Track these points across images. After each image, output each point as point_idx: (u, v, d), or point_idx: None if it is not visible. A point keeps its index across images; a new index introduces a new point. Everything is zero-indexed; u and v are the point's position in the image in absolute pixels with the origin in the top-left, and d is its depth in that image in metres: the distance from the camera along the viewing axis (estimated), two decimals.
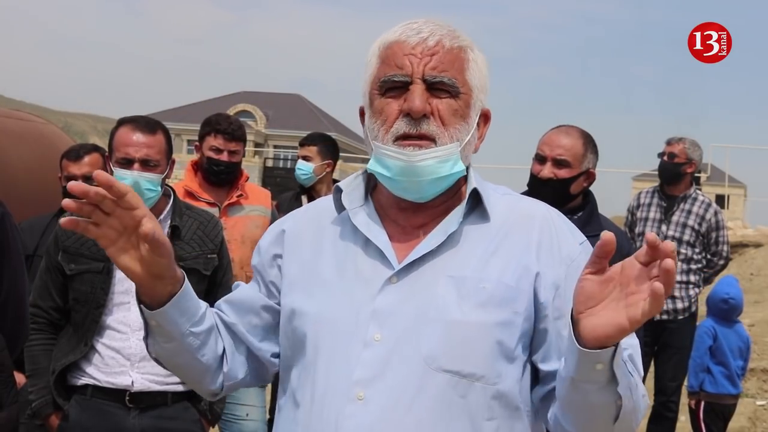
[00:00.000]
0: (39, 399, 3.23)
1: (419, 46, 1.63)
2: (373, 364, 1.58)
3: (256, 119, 53.39)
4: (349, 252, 1.68)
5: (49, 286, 3.27)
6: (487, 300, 1.60)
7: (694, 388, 5.76)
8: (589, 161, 3.44)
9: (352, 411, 1.56)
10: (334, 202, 1.74)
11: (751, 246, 14.42)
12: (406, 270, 1.63)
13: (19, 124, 5.23)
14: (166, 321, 1.64)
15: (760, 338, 8.69)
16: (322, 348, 1.63)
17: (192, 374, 1.77)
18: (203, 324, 1.71)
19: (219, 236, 3.38)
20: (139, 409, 3.16)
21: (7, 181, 4.61)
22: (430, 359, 1.57)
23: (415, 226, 1.69)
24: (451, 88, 1.63)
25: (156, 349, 1.72)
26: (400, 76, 1.62)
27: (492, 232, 1.67)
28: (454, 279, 1.62)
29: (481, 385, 1.59)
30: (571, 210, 3.41)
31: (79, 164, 4.03)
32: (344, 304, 1.64)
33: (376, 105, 1.66)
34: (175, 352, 1.70)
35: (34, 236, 3.98)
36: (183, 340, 1.68)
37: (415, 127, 1.61)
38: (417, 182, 1.63)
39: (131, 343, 3.16)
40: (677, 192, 5.78)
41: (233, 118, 4.53)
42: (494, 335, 1.60)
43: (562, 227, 1.72)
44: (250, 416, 4.21)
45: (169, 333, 1.66)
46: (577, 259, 1.67)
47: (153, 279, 1.59)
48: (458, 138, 1.64)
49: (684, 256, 5.68)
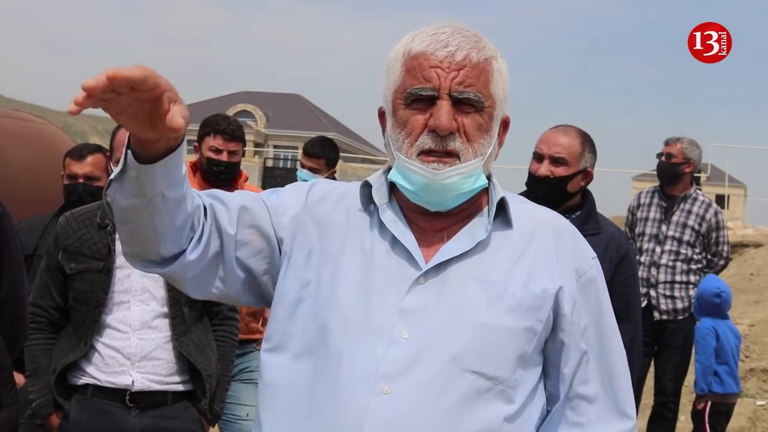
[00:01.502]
0: (39, 399, 3.23)
1: (447, 59, 1.62)
2: (400, 360, 1.58)
3: (256, 119, 53.39)
4: (376, 249, 1.67)
5: (49, 285, 3.27)
6: (516, 306, 1.62)
7: (704, 391, 5.66)
8: (586, 160, 3.45)
9: (378, 405, 1.56)
10: (360, 197, 1.73)
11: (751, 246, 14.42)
12: (433, 271, 1.64)
13: (19, 124, 5.23)
14: (148, 176, 1.51)
15: (760, 338, 8.68)
16: (347, 343, 1.62)
17: (138, 238, 1.62)
18: (177, 190, 1.56)
19: None
20: (139, 408, 3.17)
21: (7, 181, 4.61)
22: (458, 359, 1.58)
23: (436, 229, 1.69)
24: (477, 104, 1.63)
25: (117, 197, 1.56)
26: (427, 90, 1.62)
27: (515, 239, 1.68)
28: (483, 282, 1.63)
29: (502, 389, 1.60)
30: (569, 209, 3.42)
31: (82, 164, 4.04)
32: (370, 301, 1.63)
33: (401, 115, 1.65)
34: (136, 209, 1.56)
35: (33, 236, 3.99)
36: (153, 199, 1.54)
37: (441, 144, 1.61)
38: (441, 197, 1.64)
39: (131, 343, 3.16)
40: (677, 192, 5.79)
41: (232, 119, 4.53)
42: (519, 341, 1.62)
43: (576, 240, 1.74)
44: (251, 416, 4.20)
45: (142, 188, 1.52)
46: (588, 273, 1.70)
47: (162, 138, 1.48)
48: (482, 152, 1.65)
49: (684, 256, 5.69)
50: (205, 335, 3.33)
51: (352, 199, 1.74)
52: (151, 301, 3.20)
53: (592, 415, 1.70)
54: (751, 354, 7.89)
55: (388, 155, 1.70)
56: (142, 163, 1.50)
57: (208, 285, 1.71)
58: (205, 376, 3.24)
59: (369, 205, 1.72)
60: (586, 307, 1.69)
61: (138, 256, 1.65)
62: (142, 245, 1.62)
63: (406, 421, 1.56)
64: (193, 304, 3.28)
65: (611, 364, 1.73)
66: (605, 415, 1.71)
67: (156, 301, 3.21)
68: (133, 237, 1.61)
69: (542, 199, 1.84)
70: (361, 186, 1.73)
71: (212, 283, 1.71)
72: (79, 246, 3.22)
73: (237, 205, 1.70)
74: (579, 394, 1.70)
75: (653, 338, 5.65)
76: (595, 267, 1.73)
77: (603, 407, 1.71)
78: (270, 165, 43.85)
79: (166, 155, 1.50)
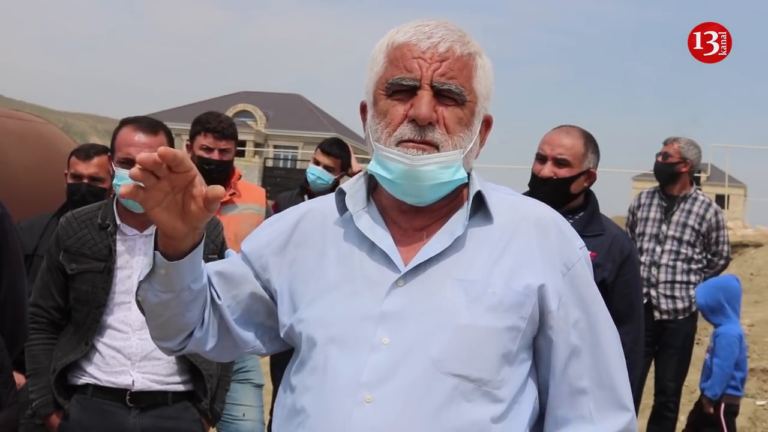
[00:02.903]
0: (39, 398, 3.23)
1: (429, 50, 1.61)
2: (382, 368, 1.57)
3: (256, 119, 53.38)
4: (354, 256, 1.67)
5: (50, 285, 3.27)
6: (497, 305, 1.60)
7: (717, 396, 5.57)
8: (589, 161, 3.44)
9: (360, 414, 1.56)
10: (336, 204, 1.73)
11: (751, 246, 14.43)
12: (412, 273, 1.63)
13: (19, 124, 5.23)
14: (177, 272, 1.61)
15: (760, 338, 8.69)
16: (329, 352, 1.62)
17: (168, 328, 1.73)
18: (201, 281, 1.68)
19: (220, 237, 3.38)
20: (139, 408, 3.16)
21: (7, 181, 4.61)
22: (439, 363, 1.57)
23: (417, 228, 1.68)
24: (458, 96, 1.62)
25: (148, 296, 1.66)
26: (408, 80, 1.61)
27: (496, 234, 1.66)
28: (462, 282, 1.61)
29: (487, 390, 1.59)
30: (572, 210, 3.42)
31: (88, 164, 4.04)
32: (351, 308, 1.63)
33: (381, 106, 1.65)
34: (166, 303, 1.66)
35: (33, 236, 3.99)
36: (180, 293, 1.64)
37: (420, 134, 1.60)
38: (418, 186, 1.62)
39: (132, 343, 3.16)
40: (676, 192, 5.79)
41: (223, 116, 4.51)
42: (502, 340, 1.60)
43: (562, 231, 1.71)
44: (247, 416, 4.21)
45: (171, 284, 1.62)
46: (576, 264, 1.68)
47: (190, 232, 1.58)
48: (461, 146, 1.63)
49: (684, 256, 5.69)
50: None
51: (328, 211, 1.75)
52: None
53: (592, 407, 1.67)
54: (751, 354, 7.88)
55: (368, 147, 1.69)
56: (171, 260, 1.60)
57: (229, 350, 1.82)
58: (206, 377, 3.23)
59: (345, 212, 1.71)
60: (575, 299, 1.66)
61: (165, 341, 1.76)
62: (169, 333, 1.73)
63: (389, 429, 1.54)
64: None
65: (606, 355, 1.69)
66: (603, 408, 1.68)
67: None
68: (162, 329, 1.73)
69: (545, 201, 1.82)
70: (336, 194, 1.73)
71: (231, 347, 1.81)
72: (80, 246, 3.22)
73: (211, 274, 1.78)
74: (576, 388, 1.67)
75: (653, 338, 5.65)
76: (583, 258, 1.70)
77: (601, 400, 1.68)
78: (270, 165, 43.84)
79: (191, 250, 1.61)
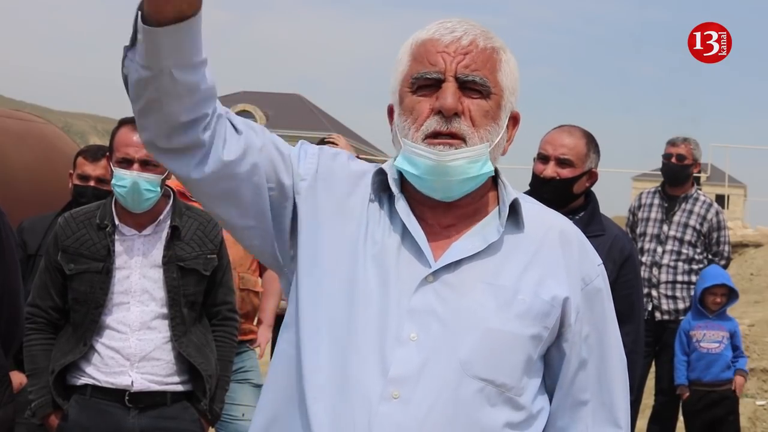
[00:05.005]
0: (38, 399, 3.22)
1: (453, 44, 1.61)
2: (409, 364, 1.56)
3: (256, 119, 53.35)
4: (387, 243, 1.63)
5: (49, 285, 3.26)
6: (525, 312, 1.60)
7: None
8: (591, 161, 3.44)
9: (387, 409, 1.54)
10: (372, 184, 1.68)
11: (751, 246, 14.40)
12: (443, 270, 1.61)
13: (19, 124, 5.23)
14: (153, 44, 1.43)
15: (760, 338, 8.67)
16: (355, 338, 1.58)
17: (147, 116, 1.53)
18: (189, 75, 1.48)
19: (219, 236, 3.38)
20: (138, 408, 3.16)
21: (7, 181, 4.61)
22: (467, 365, 1.56)
23: (443, 225, 1.66)
24: (483, 88, 1.61)
25: (130, 68, 1.48)
26: (432, 74, 1.61)
27: (526, 243, 1.66)
28: (493, 287, 1.60)
29: (509, 396, 1.59)
30: (573, 210, 3.41)
31: (95, 165, 4.03)
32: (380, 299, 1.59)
33: (407, 102, 1.64)
34: (144, 84, 1.48)
35: (36, 236, 3.98)
36: (160, 76, 1.46)
37: (446, 125, 1.59)
38: (446, 181, 1.61)
39: (131, 343, 3.16)
40: (679, 192, 5.78)
41: None
42: (527, 348, 1.61)
43: (584, 247, 1.72)
44: (246, 416, 4.20)
45: (148, 58, 1.45)
46: (594, 281, 1.69)
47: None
48: (488, 139, 1.62)
49: (685, 257, 5.68)
50: (204, 336, 3.33)
51: (368, 184, 1.69)
52: (150, 302, 3.20)
53: (590, 422, 1.69)
54: (751, 354, 7.86)
55: (395, 146, 1.67)
56: (148, 25, 1.42)
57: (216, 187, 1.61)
58: (205, 377, 3.23)
59: (380, 193, 1.68)
60: (590, 315, 1.68)
61: (151, 143, 1.57)
62: (148, 122, 1.54)
63: (414, 427, 1.53)
64: (192, 305, 3.28)
65: (610, 373, 1.71)
66: (599, 423, 1.70)
67: (155, 302, 3.20)
68: (143, 118, 1.53)
69: (547, 201, 1.82)
70: (375, 173, 1.68)
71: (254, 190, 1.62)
72: (79, 247, 3.21)
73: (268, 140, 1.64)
74: (578, 400, 1.69)
75: (654, 338, 5.64)
76: (601, 275, 1.71)
77: (599, 416, 1.70)
78: None
79: (176, 20, 1.42)
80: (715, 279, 5.57)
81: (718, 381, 5.55)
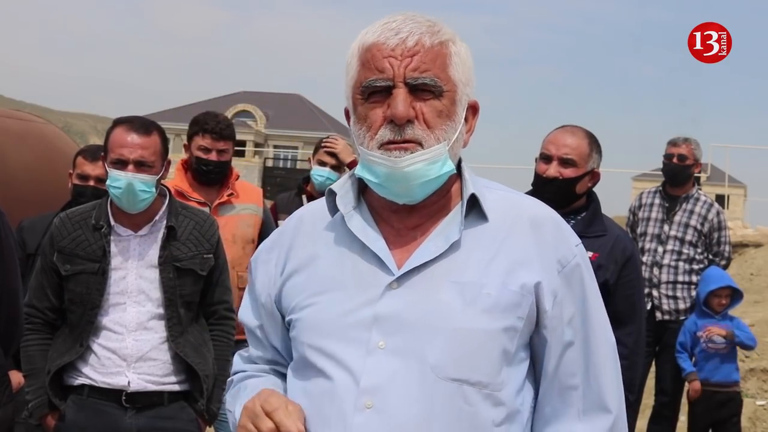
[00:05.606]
0: (35, 399, 3.22)
1: (399, 47, 1.58)
2: (380, 372, 1.55)
3: (256, 119, 53.36)
4: (346, 257, 1.64)
5: (45, 286, 3.25)
6: (492, 306, 1.58)
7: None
8: (594, 161, 3.44)
9: (361, 420, 1.53)
10: (327, 205, 1.70)
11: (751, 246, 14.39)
12: (406, 275, 1.60)
13: (19, 124, 5.23)
14: None
15: (760, 338, 8.65)
16: (324, 357, 1.60)
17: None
18: None
19: (215, 236, 3.37)
20: (135, 408, 3.16)
21: (7, 181, 4.61)
22: (437, 368, 1.55)
23: (409, 227, 1.65)
24: (435, 89, 1.59)
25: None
26: (381, 81, 1.58)
27: (491, 233, 1.64)
28: (457, 285, 1.59)
29: (487, 392, 1.57)
30: (575, 210, 3.40)
31: (95, 165, 4.02)
32: (344, 311, 1.60)
33: (360, 111, 1.62)
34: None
35: (36, 235, 3.97)
36: None
37: (400, 133, 1.58)
38: (406, 186, 1.59)
39: (127, 344, 3.15)
40: (680, 192, 5.78)
41: (221, 117, 4.51)
42: (500, 342, 1.58)
43: (559, 228, 1.68)
44: None
45: None
46: (572, 262, 1.65)
47: None
48: (445, 138, 1.60)
49: (686, 257, 5.68)
50: (201, 335, 3.32)
51: (318, 215, 1.72)
52: (146, 302, 3.19)
53: (580, 407, 1.66)
54: (751, 354, 7.86)
55: (354, 151, 1.68)
56: None
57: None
58: (202, 377, 3.22)
59: (335, 213, 1.69)
60: (571, 297, 1.65)
61: None
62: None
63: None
64: (189, 305, 3.27)
65: (596, 355, 1.67)
66: (588, 409, 1.66)
67: (151, 302, 3.19)
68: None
69: (550, 201, 1.80)
70: (327, 194, 1.70)
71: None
72: (74, 247, 3.20)
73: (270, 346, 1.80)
74: (565, 385, 1.65)
75: (655, 338, 5.64)
76: (579, 255, 1.67)
77: (587, 400, 1.66)
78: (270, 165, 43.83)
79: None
80: (719, 281, 5.56)
81: (727, 382, 5.57)
